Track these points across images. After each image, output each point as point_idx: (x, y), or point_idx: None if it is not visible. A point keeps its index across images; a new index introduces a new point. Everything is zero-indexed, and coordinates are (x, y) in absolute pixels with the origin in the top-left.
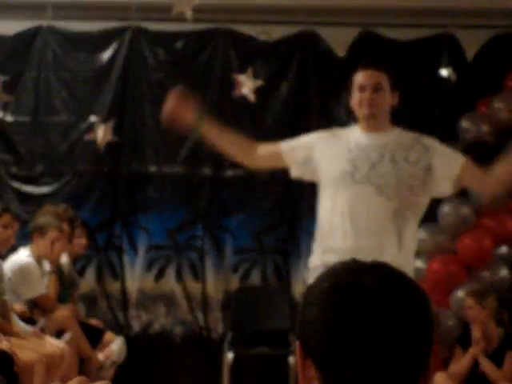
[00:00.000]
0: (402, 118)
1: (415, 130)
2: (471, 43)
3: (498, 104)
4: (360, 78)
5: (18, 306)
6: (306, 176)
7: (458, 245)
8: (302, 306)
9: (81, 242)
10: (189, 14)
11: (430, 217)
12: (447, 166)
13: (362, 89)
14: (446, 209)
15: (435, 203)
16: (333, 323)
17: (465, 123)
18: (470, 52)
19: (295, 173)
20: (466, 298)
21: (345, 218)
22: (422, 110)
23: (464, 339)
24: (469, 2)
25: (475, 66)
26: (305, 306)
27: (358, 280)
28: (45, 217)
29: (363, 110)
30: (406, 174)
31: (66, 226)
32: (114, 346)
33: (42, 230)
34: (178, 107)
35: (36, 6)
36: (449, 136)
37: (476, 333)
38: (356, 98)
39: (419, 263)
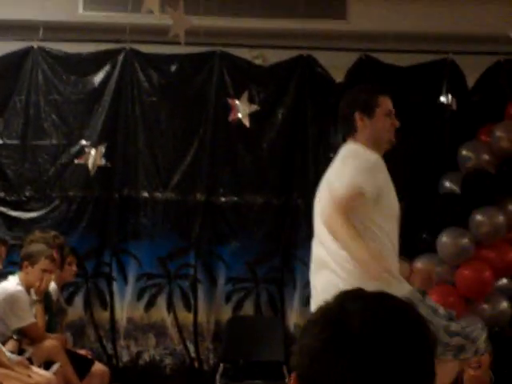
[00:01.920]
0: (401, 145)
1: (414, 158)
2: (472, 70)
3: (499, 132)
4: (388, 103)
5: (11, 344)
6: None
7: (456, 276)
8: (299, 337)
9: (71, 269)
10: (182, 36)
11: (429, 247)
12: None
13: (390, 114)
14: (445, 239)
15: (434, 234)
16: (324, 355)
17: (465, 151)
18: (471, 79)
19: None
20: None
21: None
22: (422, 137)
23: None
24: (470, 28)
25: (476, 93)
26: (300, 336)
27: (345, 309)
28: (35, 245)
29: (390, 136)
30: None
31: (56, 255)
32: None
33: (32, 259)
34: None
35: (27, 26)
36: (449, 164)
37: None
38: (386, 123)
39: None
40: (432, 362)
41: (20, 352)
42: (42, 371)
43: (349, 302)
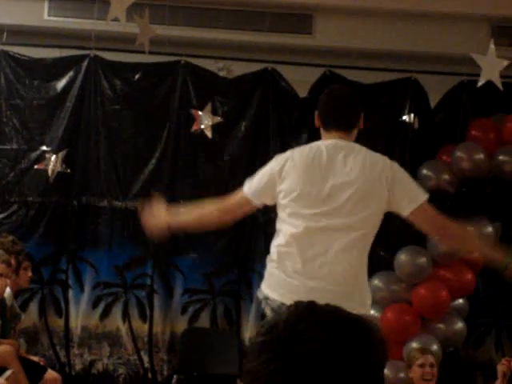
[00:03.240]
0: None
1: None
2: (435, 90)
3: (459, 153)
4: None
5: None
6: None
7: (413, 295)
8: (246, 354)
9: (26, 274)
10: (147, 45)
11: (385, 265)
12: None
13: None
14: (402, 257)
15: (392, 252)
16: (271, 378)
17: (426, 171)
18: (434, 99)
19: None
20: (426, 356)
21: None
22: (383, 154)
23: None
24: (434, 48)
25: (438, 112)
26: (247, 355)
27: (293, 333)
28: None
29: None
30: None
31: (13, 260)
32: None
33: None
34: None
35: None
36: None
37: None
38: None
39: (373, 312)
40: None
41: None
42: None
43: (299, 320)
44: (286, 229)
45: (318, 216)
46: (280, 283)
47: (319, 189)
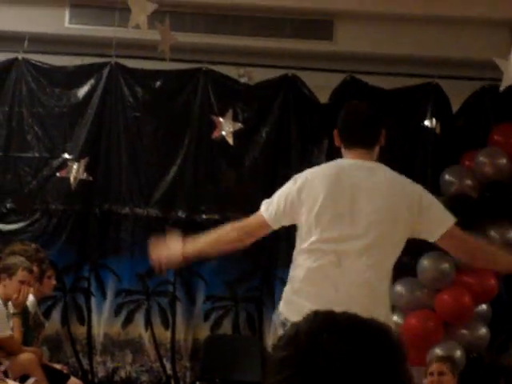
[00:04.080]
0: None
1: None
2: (457, 95)
3: (482, 158)
4: None
5: None
6: None
7: (436, 301)
8: (266, 369)
9: (50, 282)
10: (168, 52)
11: (408, 271)
12: None
13: None
14: (425, 263)
15: (415, 257)
16: None
17: (448, 176)
18: (456, 104)
19: None
20: (436, 364)
21: None
22: (404, 160)
23: None
24: (456, 53)
25: (460, 118)
26: (267, 370)
27: (314, 346)
28: (14, 257)
29: None
30: None
31: (35, 268)
32: None
33: (10, 271)
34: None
35: (12, 37)
36: (432, 189)
37: None
38: None
39: (396, 318)
40: None
41: None
42: None
43: (322, 335)
44: (303, 262)
45: (339, 240)
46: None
47: (341, 211)
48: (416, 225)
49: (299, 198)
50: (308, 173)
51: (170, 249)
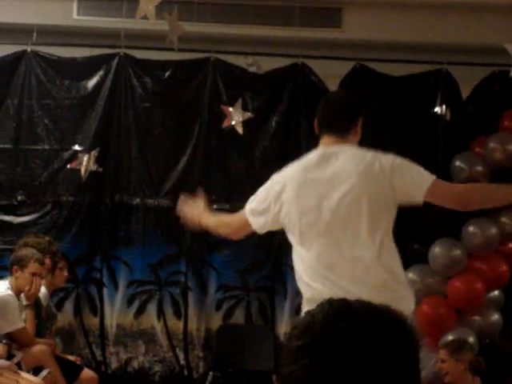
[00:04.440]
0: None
1: None
2: (467, 81)
3: (492, 144)
4: None
5: (0, 348)
6: None
7: (448, 288)
8: (282, 358)
9: (62, 274)
10: (176, 42)
11: (420, 258)
12: None
13: None
14: (437, 250)
15: (426, 244)
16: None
17: (459, 162)
18: (466, 90)
19: None
20: (440, 351)
21: None
22: (415, 147)
23: None
24: (465, 38)
25: (470, 104)
26: (283, 359)
27: (330, 335)
28: (25, 249)
29: None
30: None
31: (47, 260)
32: None
33: (21, 263)
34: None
35: (21, 30)
36: (442, 175)
37: None
38: None
39: None
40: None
41: (9, 356)
42: (30, 377)
43: (338, 324)
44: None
45: (326, 232)
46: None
47: (319, 205)
48: (395, 190)
49: (276, 202)
50: (283, 173)
51: (192, 211)
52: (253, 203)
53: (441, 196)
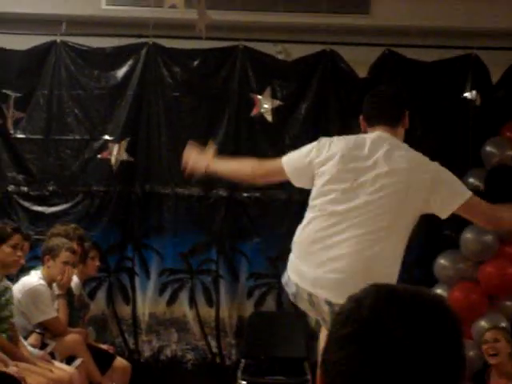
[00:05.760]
0: (425, 141)
1: (438, 154)
2: (497, 65)
3: None
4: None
5: (33, 338)
6: None
7: (480, 273)
8: (326, 346)
9: (94, 263)
10: (204, 31)
11: (451, 244)
12: None
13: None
14: (468, 235)
15: (457, 230)
16: (356, 372)
17: (489, 147)
18: (496, 75)
19: None
20: (490, 332)
21: None
22: (446, 133)
23: (480, 378)
24: (494, 23)
25: (500, 88)
26: (328, 347)
27: (379, 322)
28: (56, 238)
29: None
30: None
31: (76, 247)
32: None
33: (53, 253)
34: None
35: (50, 20)
36: (473, 160)
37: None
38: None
39: (440, 291)
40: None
41: (42, 346)
42: (64, 366)
43: (384, 308)
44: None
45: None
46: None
47: (355, 177)
48: (430, 200)
49: (317, 161)
50: (333, 138)
51: (200, 158)
52: (293, 154)
53: (473, 213)
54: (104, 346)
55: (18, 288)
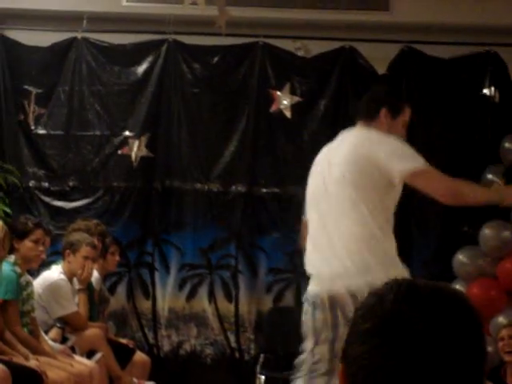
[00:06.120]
0: (443, 137)
1: (457, 150)
2: None
3: None
4: (408, 115)
5: (54, 332)
6: None
7: (499, 269)
8: (347, 341)
9: (114, 258)
10: (224, 27)
11: (470, 240)
12: None
13: (405, 125)
14: (487, 232)
15: (476, 226)
16: (378, 366)
17: (508, 144)
18: None
19: None
20: (506, 329)
21: None
22: (464, 129)
23: (496, 375)
24: None
25: None
26: (349, 342)
27: (400, 316)
28: (76, 233)
29: None
30: None
31: (98, 242)
32: None
33: (74, 247)
34: None
35: (71, 17)
36: (492, 157)
37: None
38: (401, 131)
39: (458, 287)
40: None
41: (63, 340)
42: (84, 360)
43: (406, 303)
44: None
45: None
46: None
47: (318, 189)
48: (381, 168)
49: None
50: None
51: None
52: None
53: (426, 183)
54: (124, 341)
55: (39, 282)
